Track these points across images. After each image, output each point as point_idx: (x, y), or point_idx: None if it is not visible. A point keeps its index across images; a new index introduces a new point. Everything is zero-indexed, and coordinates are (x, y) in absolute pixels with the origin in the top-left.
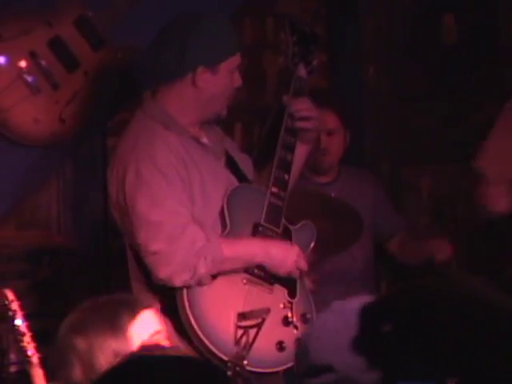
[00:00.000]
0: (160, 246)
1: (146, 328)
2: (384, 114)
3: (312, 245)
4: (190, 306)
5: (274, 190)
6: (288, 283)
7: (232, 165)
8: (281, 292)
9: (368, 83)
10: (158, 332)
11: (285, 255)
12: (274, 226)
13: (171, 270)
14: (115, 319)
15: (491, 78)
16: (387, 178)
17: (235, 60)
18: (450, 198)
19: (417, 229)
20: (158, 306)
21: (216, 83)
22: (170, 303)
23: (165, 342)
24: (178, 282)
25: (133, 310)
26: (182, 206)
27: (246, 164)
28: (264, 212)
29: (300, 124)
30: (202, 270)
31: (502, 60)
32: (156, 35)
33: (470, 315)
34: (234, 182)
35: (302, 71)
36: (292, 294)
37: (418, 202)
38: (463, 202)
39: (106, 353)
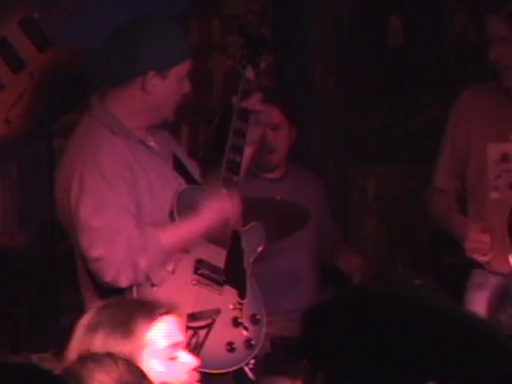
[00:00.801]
0: (100, 252)
1: (163, 338)
2: (330, 114)
3: (261, 248)
4: None
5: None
6: (238, 284)
7: (180, 167)
8: (230, 293)
9: (314, 84)
10: (176, 344)
11: (220, 214)
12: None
13: (114, 272)
14: (130, 323)
15: (436, 79)
16: (333, 179)
17: (186, 66)
18: (396, 199)
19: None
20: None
21: (165, 88)
22: None
23: (185, 356)
24: (123, 282)
25: (149, 315)
26: (123, 211)
27: (193, 167)
28: None
29: (253, 106)
30: (143, 263)
31: (447, 61)
32: (108, 38)
33: (413, 318)
34: (183, 184)
35: (250, 73)
36: (242, 295)
37: (364, 202)
38: (409, 202)
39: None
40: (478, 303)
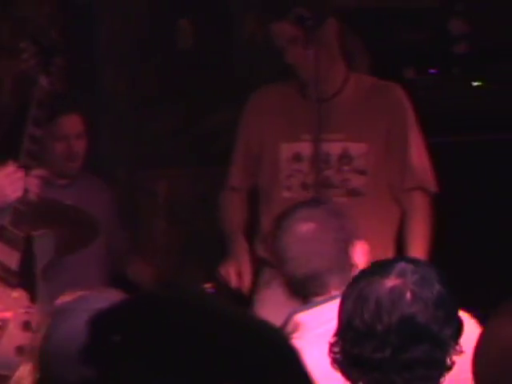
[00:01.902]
0: None
1: None
2: (120, 117)
3: (51, 256)
4: None
5: None
6: (29, 288)
7: None
8: (22, 296)
9: (104, 86)
10: None
11: None
12: (18, 230)
13: None
14: None
15: (226, 81)
16: (123, 182)
17: None
18: (187, 202)
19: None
20: None
21: None
22: None
23: None
24: None
25: None
26: None
27: None
28: (9, 216)
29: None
30: None
31: (237, 64)
32: None
33: (199, 324)
34: None
35: (43, 81)
36: (33, 299)
37: (154, 206)
38: (199, 206)
39: None
40: (265, 301)
